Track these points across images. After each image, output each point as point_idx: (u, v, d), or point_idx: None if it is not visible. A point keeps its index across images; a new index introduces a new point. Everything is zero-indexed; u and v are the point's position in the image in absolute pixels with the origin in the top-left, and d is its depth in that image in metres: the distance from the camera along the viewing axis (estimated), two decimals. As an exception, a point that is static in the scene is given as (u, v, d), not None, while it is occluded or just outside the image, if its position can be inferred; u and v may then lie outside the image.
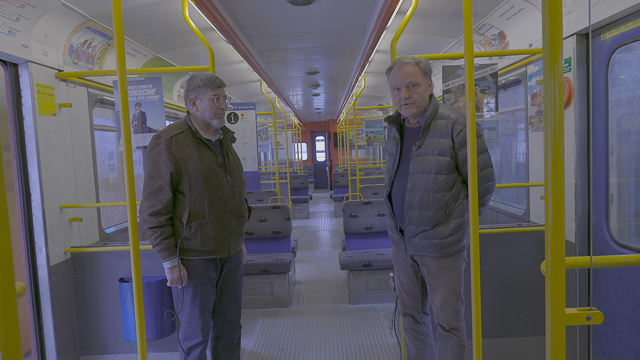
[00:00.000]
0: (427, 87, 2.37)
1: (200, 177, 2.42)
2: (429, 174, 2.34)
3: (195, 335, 2.56)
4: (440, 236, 2.35)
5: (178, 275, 2.45)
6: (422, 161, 2.36)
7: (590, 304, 2.53)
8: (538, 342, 3.19)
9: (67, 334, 3.25)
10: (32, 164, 3.01)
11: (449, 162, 2.32)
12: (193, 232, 2.44)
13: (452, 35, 4.36)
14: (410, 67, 2.34)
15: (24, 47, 2.88)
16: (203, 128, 2.53)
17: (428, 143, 2.35)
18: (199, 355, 2.61)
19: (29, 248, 3.06)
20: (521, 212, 4.03)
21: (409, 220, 2.42)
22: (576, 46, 2.80)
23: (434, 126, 2.36)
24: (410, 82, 2.33)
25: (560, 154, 0.97)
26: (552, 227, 0.99)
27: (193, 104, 2.49)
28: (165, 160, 2.38)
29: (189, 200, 2.43)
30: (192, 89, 2.48)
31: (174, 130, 2.46)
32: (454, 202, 2.35)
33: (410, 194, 2.39)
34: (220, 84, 2.51)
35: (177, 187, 2.44)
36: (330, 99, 10.79)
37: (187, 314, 2.55)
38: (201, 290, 2.52)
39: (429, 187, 2.33)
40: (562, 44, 0.98)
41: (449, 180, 2.33)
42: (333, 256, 6.90)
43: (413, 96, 2.34)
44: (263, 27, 4.26)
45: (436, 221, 2.35)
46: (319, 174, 18.31)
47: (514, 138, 5.38)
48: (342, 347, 3.74)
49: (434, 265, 2.42)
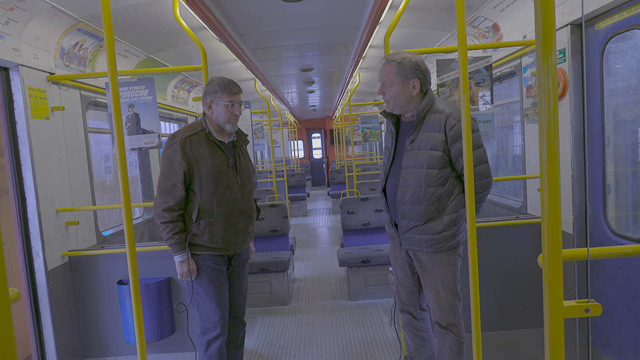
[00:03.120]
0: (406, 87, 2.31)
1: (211, 177, 2.52)
2: (421, 168, 2.32)
3: (213, 327, 2.60)
4: (433, 231, 2.34)
5: (187, 268, 2.55)
6: (414, 155, 2.34)
7: (589, 295, 2.53)
8: (537, 334, 3.20)
9: (67, 338, 3.24)
10: (26, 168, 2.99)
11: (442, 157, 2.30)
12: (202, 229, 2.54)
13: (445, 29, 4.34)
14: (387, 66, 2.34)
15: (15, 50, 2.85)
16: (217, 130, 2.61)
17: (421, 137, 2.33)
18: (218, 349, 2.62)
19: (25, 253, 3.04)
20: (518, 205, 4.03)
21: (402, 215, 2.41)
22: (570, 36, 2.79)
23: (428, 120, 2.34)
24: (384, 80, 2.34)
25: (555, 146, 0.97)
26: (549, 219, 0.98)
27: (209, 107, 2.58)
28: (179, 159, 2.49)
29: (199, 198, 2.53)
30: (209, 92, 2.56)
31: (189, 130, 2.57)
32: (448, 197, 2.33)
33: (402, 188, 2.38)
34: (236, 90, 2.58)
35: (189, 186, 2.55)
36: (326, 95, 10.77)
37: (203, 307, 2.61)
38: (214, 282, 2.59)
39: (420, 181, 2.32)
40: (555, 34, 0.97)
41: (441, 175, 2.31)
42: (331, 253, 6.90)
43: (387, 94, 2.34)
44: (255, 24, 4.24)
45: (428, 216, 2.33)
46: (315, 171, 18.28)
47: (510, 130, 5.37)
48: (342, 344, 3.74)
49: (427, 261, 2.41)
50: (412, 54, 2.36)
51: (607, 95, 2.72)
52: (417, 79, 2.31)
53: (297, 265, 6.32)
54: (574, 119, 2.83)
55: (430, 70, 2.43)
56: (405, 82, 2.31)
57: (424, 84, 2.35)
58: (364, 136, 8.26)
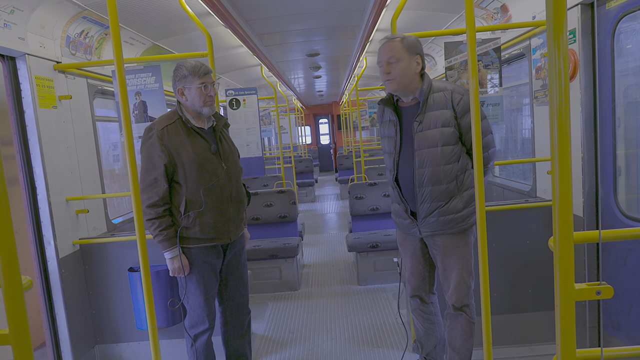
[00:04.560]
0: (411, 63, 2.32)
1: (194, 166, 2.42)
2: (435, 146, 2.32)
3: (202, 321, 2.59)
4: (455, 210, 2.36)
5: (179, 264, 2.48)
6: (426, 135, 2.34)
7: (600, 278, 2.51)
8: (547, 317, 3.19)
9: (80, 324, 3.29)
10: (35, 157, 3.01)
11: (454, 132, 2.32)
12: (191, 221, 2.46)
13: (453, 11, 4.28)
14: (393, 43, 2.33)
15: (21, 39, 2.85)
16: (195, 117, 2.51)
17: (429, 117, 2.34)
18: (205, 342, 2.64)
19: (37, 241, 3.08)
20: (528, 188, 4.00)
21: (422, 199, 2.38)
22: (581, 16, 2.74)
23: (431, 100, 2.35)
24: (391, 56, 2.32)
25: (566, 127, 0.95)
26: (560, 202, 0.97)
27: (182, 94, 2.48)
28: (158, 152, 2.39)
29: (185, 189, 2.44)
30: (179, 79, 2.47)
31: (164, 121, 2.46)
32: (463, 173, 2.37)
33: (419, 170, 2.36)
34: (206, 70, 2.48)
35: (173, 178, 2.45)
36: (332, 80, 10.70)
37: (192, 302, 2.58)
38: (204, 277, 2.55)
39: (437, 160, 2.32)
40: (566, 14, 0.95)
41: (455, 150, 2.33)
42: (340, 238, 6.91)
43: (393, 72, 2.32)
44: (261, 9, 4.20)
45: (449, 194, 2.35)
46: (323, 157, 18.26)
47: (519, 113, 5.31)
48: (352, 328, 3.77)
49: (448, 243, 2.41)
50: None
51: (618, 76, 2.67)
52: (419, 55, 2.35)
53: (306, 250, 6.35)
54: (585, 100, 2.79)
55: (432, 54, 2.43)
56: (412, 58, 2.32)
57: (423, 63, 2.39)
58: (371, 121, 8.23)
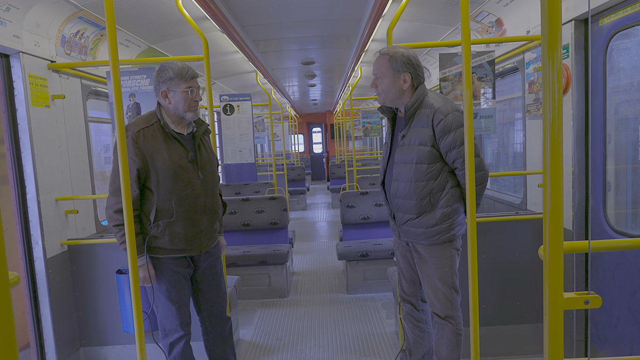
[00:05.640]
0: (396, 81, 2.34)
1: (169, 173, 2.31)
2: (410, 163, 2.35)
3: (175, 329, 2.48)
4: (426, 225, 2.37)
5: (145, 274, 2.36)
6: (405, 150, 2.38)
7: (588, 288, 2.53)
8: (535, 329, 3.20)
9: (66, 326, 3.25)
10: (26, 156, 2.99)
11: (430, 152, 2.31)
12: (161, 230, 2.34)
13: (449, 23, 4.32)
14: (381, 59, 2.38)
15: (15, 37, 2.84)
16: (175, 121, 2.40)
17: (412, 132, 2.36)
18: (182, 349, 2.52)
19: (25, 241, 3.04)
20: (518, 201, 4.03)
21: (397, 208, 2.46)
22: (574, 32, 2.78)
23: (418, 115, 2.36)
24: (377, 72, 2.38)
25: (558, 140, 0.96)
26: (551, 210, 0.98)
27: (165, 96, 2.35)
28: (131, 155, 2.25)
29: (156, 197, 2.32)
30: (164, 80, 2.33)
31: (141, 123, 2.34)
32: (440, 191, 2.35)
33: (395, 183, 2.43)
34: (193, 74, 2.37)
35: (145, 183, 2.33)
36: (327, 89, 10.74)
37: (163, 311, 2.47)
38: (175, 286, 2.44)
39: (410, 176, 2.35)
40: (561, 29, 0.96)
41: (431, 169, 2.32)
42: (330, 247, 6.90)
43: (379, 87, 2.40)
44: (258, 16, 4.22)
45: (421, 210, 2.36)
46: (316, 165, 18.28)
47: (511, 127, 5.36)
48: (340, 337, 3.75)
49: (424, 253, 2.44)
50: (406, 49, 2.39)
51: (610, 93, 2.71)
52: (409, 73, 2.34)
53: (296, 258, 6.33)
54: (576, 115, 2.83)
55: (427, 66, 2.45)
56: (396, 76, 2.34)
57: (415, 78, 2.37)
58: (364, 131, 8.26)
